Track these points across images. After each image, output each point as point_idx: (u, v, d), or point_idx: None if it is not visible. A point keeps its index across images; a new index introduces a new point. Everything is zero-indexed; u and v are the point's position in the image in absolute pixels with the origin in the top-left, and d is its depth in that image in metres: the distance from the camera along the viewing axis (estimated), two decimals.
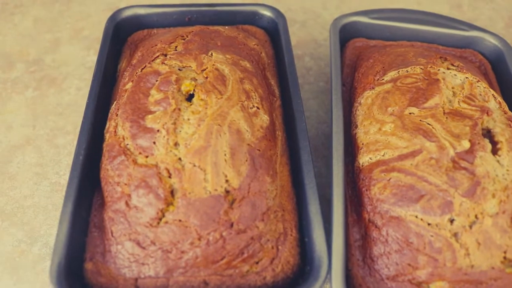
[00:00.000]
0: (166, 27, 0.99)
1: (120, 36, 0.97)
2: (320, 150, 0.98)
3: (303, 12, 1.24)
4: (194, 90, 0.76)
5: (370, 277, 0.71)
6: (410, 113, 0.79)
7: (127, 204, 0.70)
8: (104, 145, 0.77)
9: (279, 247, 0.71)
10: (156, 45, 0.87)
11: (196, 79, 0.78)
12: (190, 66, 0.80)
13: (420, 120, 0.77)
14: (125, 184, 0.71)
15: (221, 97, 0.75)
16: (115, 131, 0.76)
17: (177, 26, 0.99)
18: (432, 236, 0.68)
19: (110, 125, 0.78)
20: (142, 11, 0.98)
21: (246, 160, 0.71)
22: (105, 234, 0.71)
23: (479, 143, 0.74)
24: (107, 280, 0.68)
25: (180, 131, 0.72)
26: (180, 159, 0.71)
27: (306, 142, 0.78)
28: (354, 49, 0.99)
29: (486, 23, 1.25)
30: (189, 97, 0.77)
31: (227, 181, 0.69)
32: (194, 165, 0.69)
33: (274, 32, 0.98)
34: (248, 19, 1.00)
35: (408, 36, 1.00)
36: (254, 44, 0.92)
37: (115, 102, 0.81)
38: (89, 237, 0.72)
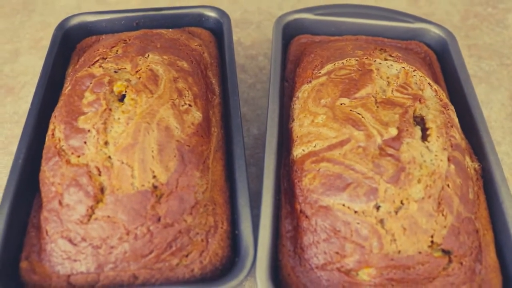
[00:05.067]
0: (115, 33, 1.01)
1: (70, 43, 0.99)
2: None
3: (259, 13, 1.26)
4: (126, 90, 0.78)
5: (300, 267, 0.72)
6: (341, 104, 0.79)
7: (60, 203, 0.72)
8: (44, 147, 0.79)
9: (209, 240, 0.72)
10: (98, 50, 0.89)
11: (130, 80, 0.80)
12: (125, 68, 0.82)
13: (350, 110, 0.78)
14: (59, 184, 0.72)
15: (152, 96, 0.77)
16: (52, 134, 0.78)
17: (125, 31, 1.01)
18: (358, 223, 0.69)
19: (49, 129, 0.80)
20: (90, 18, 1.00)
21: (175, 156, 0.73)
22: (41, 234, 0.73)
23: (407, 129, 0.74)
24: (41, 278, 0.70)
25: (111, 130, 0.74)
26: (109, 157, 0.72)
27: (239, 137, 0.80)
28: (299, 46, 1.00)
29: (443, 17, 1.26)
30: (122, 98, 0.79)
31: (154, 176, 0.71)
32: (122, 162, 0.71)
33: (220, 33, 1.00)
34: (194, 21, 1.02)
35: (354, 30, 1.01)
36: (197, 45, 0.94)
37: (56, 106, 0.84)
38: (27, 237, 0.74)
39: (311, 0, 1.30)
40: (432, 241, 0.69)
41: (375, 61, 0.86)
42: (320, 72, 0.87)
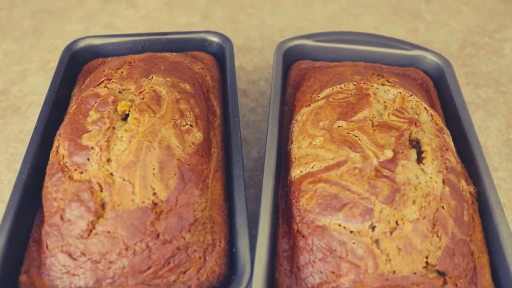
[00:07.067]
0: (121, 56, 1.04)
1: (76, 65, 1.02)
2: None
3: (261, 40, 1.29)
4: (129, 110, 0.81)
5: (296, 286, 0.72)
6: (339, 127, 0.81)
7: (61, 217, 0.73)
8: (48, 164, 0.81)
9: (207, 257, 0.73)
10: (103, 71, 0.92)
11: (134, 100, 0.82)
12: (129, 89, 0.84)
13: (348, 133, 0.80)
14: (61, 199, 0.74)
15: (154, 116, 0.79)
16: (57, 151, 0.80)
17: (131, 54, 1.04)
18: (354, 243, 0.70)
19: (54, 146, 0.82)
20: (97, 41, 1.03)
21: (175, 174, 0.75)
22: (41, 248, 0.74)
23: (402, 152, 0.76)
24: None
25: (113, 148, 0.76)
26: (112, 174, 0.74)
27: (239, 157, 0.81)
28: (299, 71, 1.03)
29: (441, 45, 1.29)
30: (126, 117, 0.81)
31: (154, 193, 0.72)
32: (124, 179, 0.73)
33: (222, 57, 1.03)
34: (198, 45, 1.05)
35: (353, 57, 1.04)
36: (199, 68, 0.96)
37: (61, 124, 0.86)
38: (28, 251, 0.75)
39: (313, 28, 1.33)
40: (427, 262, 0.69)
41: (372, 86, 0.88)
42: (319, 96, 0.89)
